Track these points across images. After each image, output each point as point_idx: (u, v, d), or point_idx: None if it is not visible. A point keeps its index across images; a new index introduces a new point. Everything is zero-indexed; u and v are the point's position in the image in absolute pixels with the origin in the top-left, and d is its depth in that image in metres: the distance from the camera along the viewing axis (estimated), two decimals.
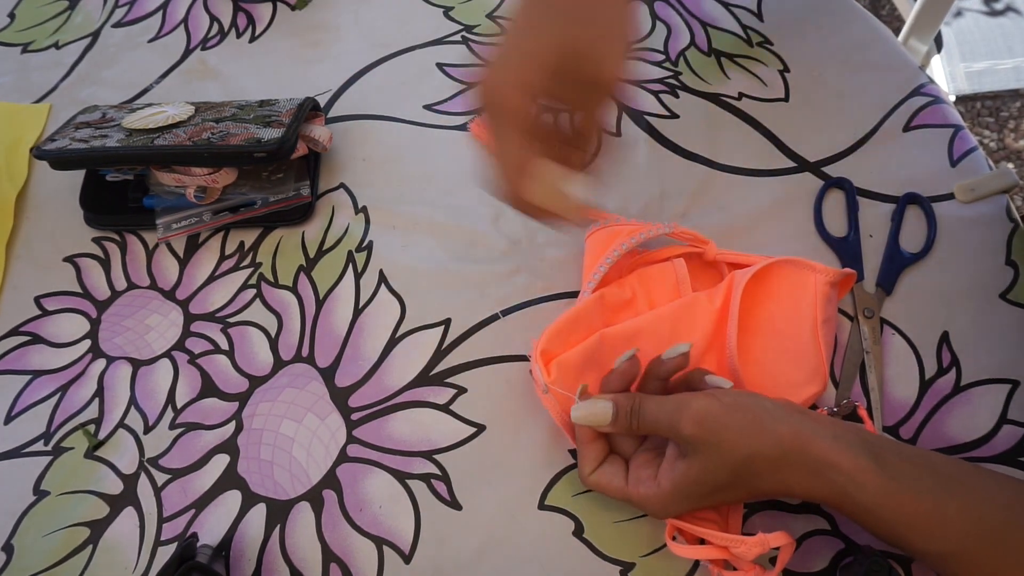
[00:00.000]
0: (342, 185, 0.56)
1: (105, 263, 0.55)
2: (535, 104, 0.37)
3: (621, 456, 0.43)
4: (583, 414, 0.41)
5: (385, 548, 0.44)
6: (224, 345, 0.51)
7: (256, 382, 0.49)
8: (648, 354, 0.46)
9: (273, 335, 0.51)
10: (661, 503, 0.39)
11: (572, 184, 0.38)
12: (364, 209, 0.55)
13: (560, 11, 0.37)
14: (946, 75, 1.46)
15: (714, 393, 0.39)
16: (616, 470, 0.41)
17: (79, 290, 0.54)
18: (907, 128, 0.56)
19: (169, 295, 0.53)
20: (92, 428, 0.49)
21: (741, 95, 0.58)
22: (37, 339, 0.52)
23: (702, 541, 0.41)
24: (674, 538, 0.41)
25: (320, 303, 0.52)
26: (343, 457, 0.47)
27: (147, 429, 0.48)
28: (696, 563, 0.42)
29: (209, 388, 0.50)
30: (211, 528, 0.45)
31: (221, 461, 0.47)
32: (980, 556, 0.35)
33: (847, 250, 0.51)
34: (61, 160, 0.50)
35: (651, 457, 0.41)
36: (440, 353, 0.49)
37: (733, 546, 0.38)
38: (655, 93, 0.59)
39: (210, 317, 0.52)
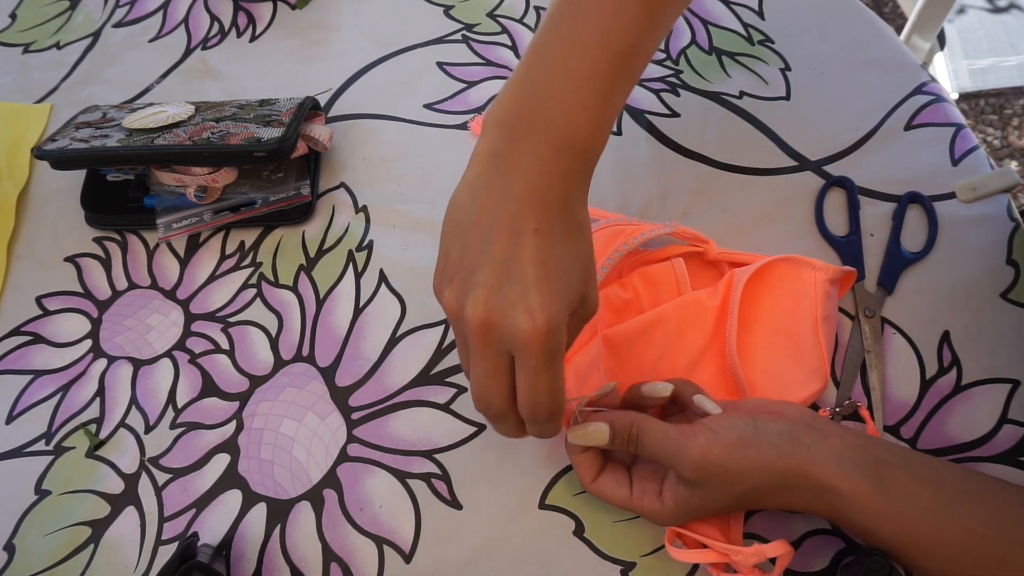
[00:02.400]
0: (342, 184, 0.57)
1: (106, 263, 0.55)
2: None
3: (619, 462, 0.42)
4: (580, 437, 0.40)
5: (385, 547, 0.44)
6: (225, 345, 0.51)
7: (256, 381, 0.50)
8: (651, 353, 0.46)
9: (273, 335, 0.51)
10: (663, 518, 0.39)
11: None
12: (364, 208, 0.55)
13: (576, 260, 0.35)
14: (949, 72, 1.45)
15: (715, 430, 0.38)
16: (619, 480, 0.41)
17: (80, 290, 0.54)
18: (908, 127, 0.55)
19: (170, 295, 0.53)
20: (93, 428, 0.49)
21: (742, 93, 0.58)
22: (38, 339, 0.52)
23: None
24: (674, 543, 0.41)
25: (320, 302, 0.52)
26: (343, 456, 0.47)
27: (148, 429, 0.49)
28: (697, 564, 0.42)
29: (210, 388, 0.50)
30: (212, 527, 0.45)
31: (222, 461, 0.47)
32: (980, 574, 0.35)
33: (848, 249, 0.51)
34: (62, 160, 0.50)
35: (653, 469, 0.41)
36: (440, 352, 0.49)
37: (733, 554, 0.39)
38: (656, 92, 0.58)
39: (211, 317, 0.52)
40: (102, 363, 0.51)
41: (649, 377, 0.43)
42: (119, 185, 0.55)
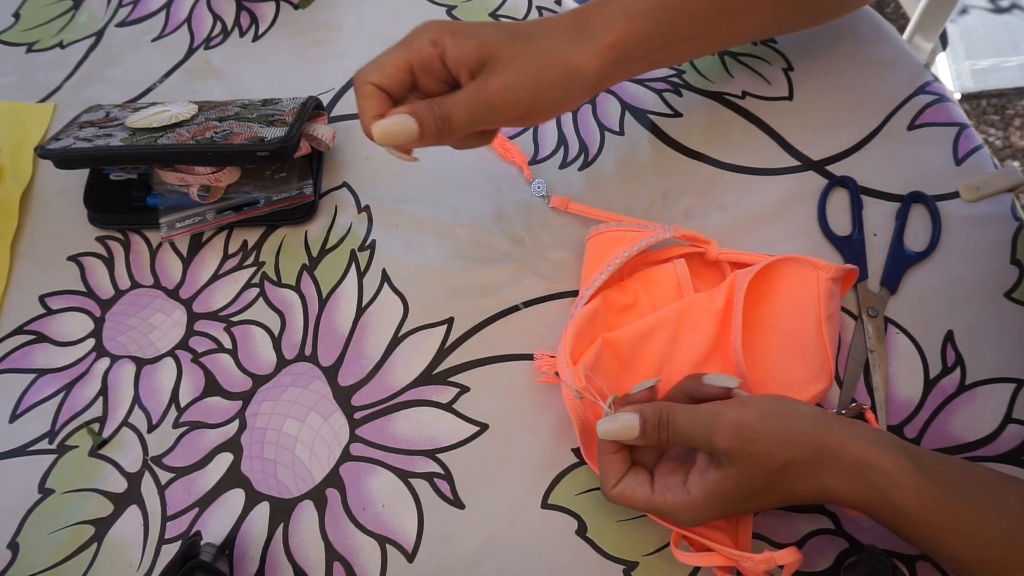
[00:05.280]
0: (345, 184, 0.57)
1: (109, 262, 0.55)
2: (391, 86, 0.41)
3: (643, 466, 0.41)
4: (609, 428, 0.39)
5: (388, 547, 0.44)
6: (227, 344, 0.51)
7: (259, 381, 0.50)
8: (654, 356, 0.46)
9: (276, 334, 0.51)
10: (690, 511, 0.37)
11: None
12: (367, 208, 0.55)
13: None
14: (952, 73, 1.45)
15: (746, 401, 0.37)
16: (640, 480, 0.39)
17: (83, 289, 0.54)
18: (912, 126, 0.55)
19: (172, 294, 0.53)
20: (96, 427, 0.49)
21: (745, 93, 0.58)
22: (42, 338, 0.52)
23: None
24: (680, 545, 0.41)
25: (323, 302, 0.52)
26: (346, 456, 0.47)
27: (151, 428, 0.49)
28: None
29: (212, 387, 0.50)
30: (215, 527, 0.45)
31: (224, 460, 0.47)
32: (1017, 566, 0.34)
33: (851, 249, 0.50)
34: (65, 159, 0.50)
35: (677, 464, 0.40)
36: (443, 352, 0.49)
37: (742, 560, 0.38)
38: (658, 92, 0.58)
39: (213, 316, 0.52)
40: (105, 362, 0.51)
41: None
42: (122, 184, 0.55)
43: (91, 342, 0.52)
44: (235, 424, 0.48)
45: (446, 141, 0.41)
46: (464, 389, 0.48)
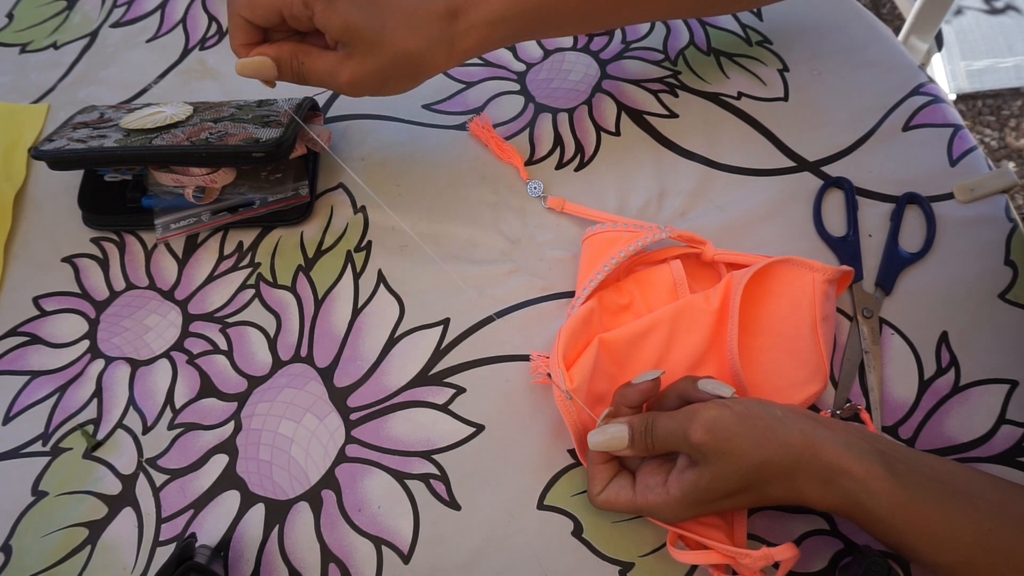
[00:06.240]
0: (341, 185, 0.56)
1: (104, 263, 0.55)
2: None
3: (628, 470, 0.42)
4: (601, 440, 0.40)
5: (384, 548, 0.44)
6: (223, 345, 0.51)
7: (255, 382, 0.49)
8: (650, 357, 0.46)
9: (272, 335, 0.51)
10: (670, 510, 0.39)
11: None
12: (363, 209, 0.55)
13: None
14: (947, 73, 1.45)
15: (725, 402, 0.38)
16: (624, 483, 0.41)
17: (78, 290, 0.54)
18: (907, 127, 0.55)
19: (168, 295, 0.53)
20: (91, 428, 0.49)
21: (740, 94, 0.58)
22: (36, 339, 0.52)
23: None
24: (676, 544, 0.41)
25: (319, 303, 0.52)
26: (342, 457, 0.47)
27: (146, 429, 0.48)
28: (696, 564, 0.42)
29: (208, 388, 0.49)
30: (210, 528, 0.45)
31: (220, 461, 0.47)
32: (989, 569, 0.34)
33: (846, 250, 0.51)
34: (59, 160, 0.50)
35: (658, 464, 0.41)
36: (439, 353, 0.49)
37: (739, 558, 0.38)
38: (654, 92, 0.58)
39: (209, 317, 0.52)
40: (99, 364, 0.51)
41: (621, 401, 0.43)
42: (117, 185, 0.55)
43: (85, 343, 0.52)
44: (230, 425, 0.48)
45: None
46: (460, 390, 0.48)
